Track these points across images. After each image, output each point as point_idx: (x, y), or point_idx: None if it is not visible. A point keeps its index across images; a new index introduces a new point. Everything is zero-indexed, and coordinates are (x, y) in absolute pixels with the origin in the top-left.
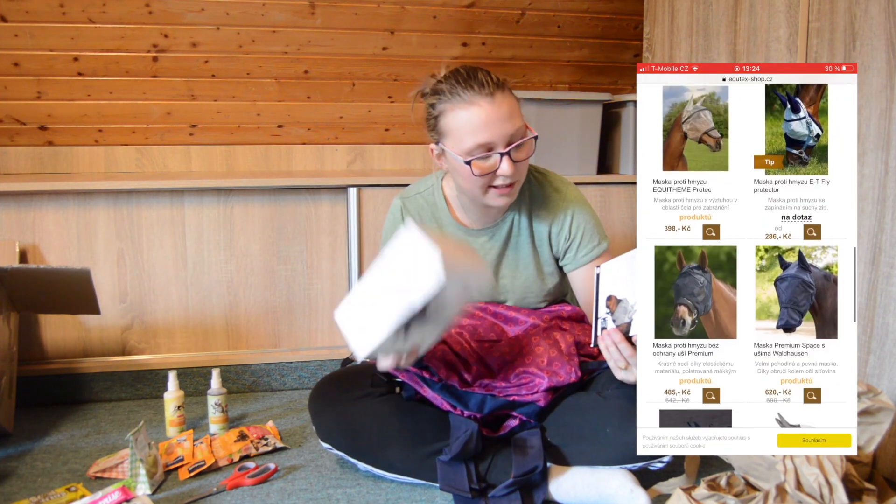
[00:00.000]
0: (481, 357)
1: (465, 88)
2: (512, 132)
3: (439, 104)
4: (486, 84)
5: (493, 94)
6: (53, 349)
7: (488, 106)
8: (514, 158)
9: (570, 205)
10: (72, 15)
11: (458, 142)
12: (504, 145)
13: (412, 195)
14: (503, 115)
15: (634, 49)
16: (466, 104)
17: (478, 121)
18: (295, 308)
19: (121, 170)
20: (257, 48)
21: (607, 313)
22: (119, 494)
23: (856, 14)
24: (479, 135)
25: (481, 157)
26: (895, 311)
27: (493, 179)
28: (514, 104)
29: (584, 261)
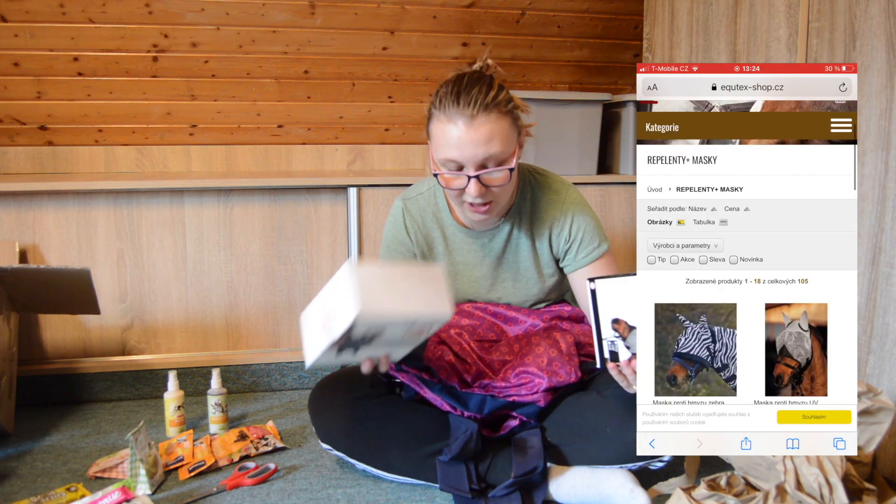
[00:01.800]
0: (481, 357)
1: (453, 102)
2: (485, 157)
3: (432, 108)
4: (473, 104)
5: (474, 117)
6: (53, 349)
7: (465, 127)
8: (485, 183)
9: (570, 206)
10: (72, 15)
11: (435, 150)
12: (474, 168)
13: (413, 196)
14: (478, 139)
15: (634, 49)
16: (447, 119)
17: (451, 139)
18: (295, 308)
19: (121, 170)
20: (257, 48)
21: (616, 337)
22: (119, 494)
23: (856, 14)
24: (449, 151)
25: (450, 173)
26: (895, 311)
27: (462, 195)
28: (501, 128)
29: (584, 262)
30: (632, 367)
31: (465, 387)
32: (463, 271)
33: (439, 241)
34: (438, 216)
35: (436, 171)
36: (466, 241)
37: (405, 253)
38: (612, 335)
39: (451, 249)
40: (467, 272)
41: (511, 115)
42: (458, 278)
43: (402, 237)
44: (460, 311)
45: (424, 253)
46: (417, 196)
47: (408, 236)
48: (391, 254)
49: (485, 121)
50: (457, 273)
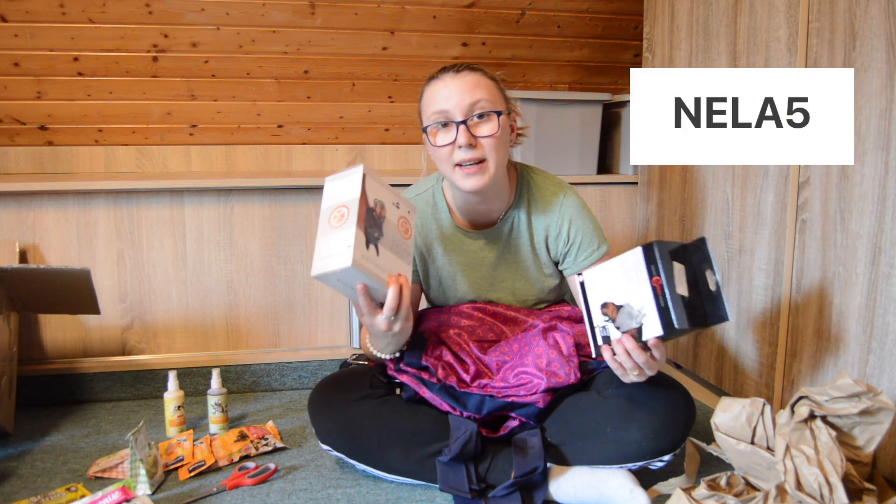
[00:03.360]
0: (479, 357)
1: (440, 71)
2: (471, 101)
3: (423, 89)
4: (459, 66)
5: (459, 71)
6: (53, 349)
7: (450, 79)
8: (474, 132)
9: (567, 209)
10: (72, 15)
11: (424, 115)
12: (462, 115)
13: (412, 196)
14: (463, 86)
15: (634, 49)
16: (434, 80)
17: (438, 94)
18: (295, 308)
19: (121, 170)
20: (257, 48)
21: (606, 321)
22: (119, 494)
23: (856, 14)
24: (436, 103)
25: (438, 125)
26: (895, 311)
27: (454, 154)
28: (486, 83)
29: (584, 265)
30: (623, 345)
31: (464, 386)
32: (462, 272)
33: (438, 242)
34: (437, 217)
35: (425, 126)
36: (465, 242)
37: None
38: (602, 321)
39: (450, 250)
40: (466, 273)
41: (496, 83)
42: (458, 279)
43: None
44: (459, 311)
45: (423, 253)
46: (416, 197)
47: None
48: None
49: (469, 73)
50: (456, 274)
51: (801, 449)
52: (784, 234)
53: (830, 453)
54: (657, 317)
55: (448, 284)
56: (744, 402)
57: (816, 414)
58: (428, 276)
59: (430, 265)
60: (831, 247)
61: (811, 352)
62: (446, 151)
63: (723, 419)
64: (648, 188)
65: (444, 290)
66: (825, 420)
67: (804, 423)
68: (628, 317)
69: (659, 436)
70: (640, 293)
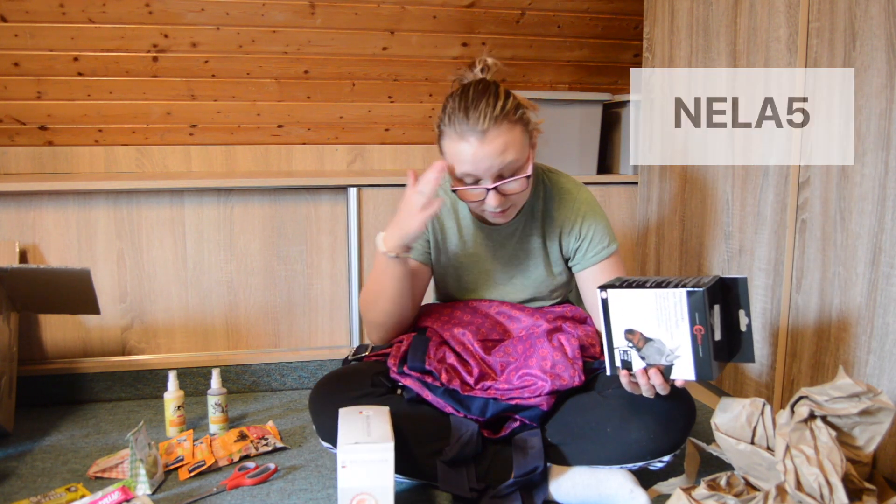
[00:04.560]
0: (483, 358)
1: (463, 119)
2: (500, 168)
3: (441, 125)
4: (483, 118)
5: (485, 132)
6: (53, 349)
7: (477, 143)
8: (503, 193)
9: (581, 206)
10: (72, 15)
11: (449, 162)
12: (492, 180)
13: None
14: (492, 152)
15: (634, 49)
16: (458, 136)
17: (465, 156)
18: (295, 308)
19: (121, 170)
20: (257, 48)
21: (630, 347)
22: (119, 494)
23: (856, 14)
24: (465, 167)
25: (468, 187)
26: (895, 311)
27: (482, 205)
28: (513, 137)
29: (593, 261)
30: (648, 377)
31: (468, 389)
32: (474, 263)
33: (453, 232)
34: (455, 206)
35: (454, 188)
36: (479, 235)
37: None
38: (625, 345)
39: (464, 240)
40: (478, 265)
41: (521, 121)
42: (470, 270)
43: None
44: (465, 307)
45: (438, 241)
46: (441, 186)
47: None
48: None
49: (497, 134)
50: (468, 265)
51: (801, 449)
52: (784, 234)
53: (830, 453)
54: (692, 364)
55: (459, 275)
56: (744, 402)
57: (816, 414)
58: (440, 264)
59: (443, 254)
60: (831, 247)
61: (811, 352)
62: (476, 203)
63: (723, 419)
64: (648, 188)
65: (454, 280)
66: (825, 420)
67: (804, 423)
68: (657, 353)
69: (659, 436)
70: (678, 336)
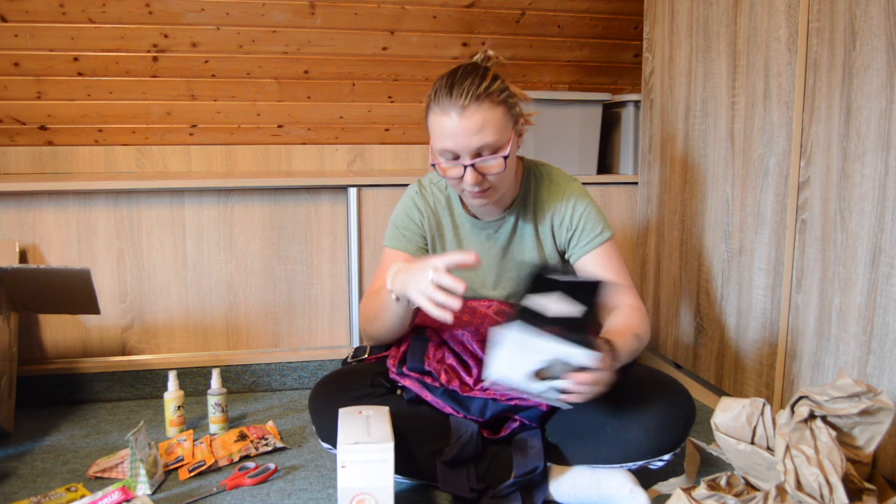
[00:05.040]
0: (482, 359)
1: (446, 94)
2: (478, 146)
3: (429, 100)
4: (465, 95)
5: (465, 108)
6: (53, 349)
7: (457, 118)
8: (481, 171)
9: (570, 196)
10: (72, 15)
11: (433, 141)
12: (469, 157)
13: (428, 184)
14: (470, 128)
15: (634, 49)
16: (441, 111)
17: (445, 130)
18: (295, 308)
19: (121, 170)
20: (257, 48)
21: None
22: (119, 494)
23: (856, 14)
24: (444, 142)
25: (447, 162)
26: (895, 311)
27: (462, 182)
28: (493, 117)
29: (587, 248)
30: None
31: (467, 390)
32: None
33: (449, 229)
34: (450, 204)
35: (433, 161)
36: (473, 232)
37: (415, 231)
38: (544, 386)
39: (459, 238)
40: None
41: (505, 104)
42: (465, 268)
43: (412, 215)
44: (464, 306)
45: (434, 238)
46: (431, 185)
47: (419, 217)
48: (399, 230)
49: (476, 110)
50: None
51: (801, 449)
52: (784, 234)
53: (830, 453)
54: (579, 349)
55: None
56: (744, 402)
57: (816, 414)
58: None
59: (440, 251)
60: (831, 247)
61: (811, 352)
62: (455, 180)
63: (723, 419)
64: (648, 188)
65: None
66: (825, 420)
67: (804, 423)
68: (561, 365)
69: (659, 436)
70: (549, 346)
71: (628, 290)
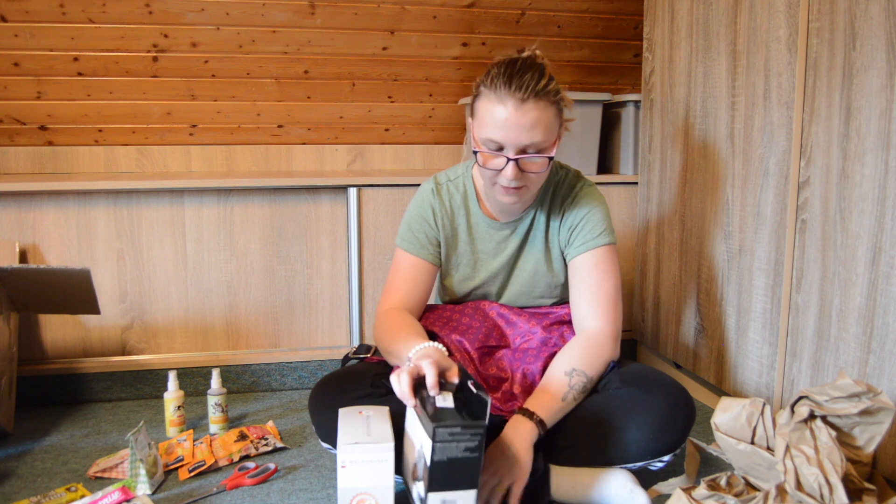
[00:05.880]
0: (479, 371)
1: (505, 84)
2: (527, 143)
3: (482, 85)
4: (525, 88)
5: (524, 101)
6: (53, 349)
7: (513, 110)
8: (522, 168)
9: (580, 197)
10: (72, 15)
11: (479, 128)
12: (514, 152)
13: (444, 182)
14: (524, 124)
15: (634, 49)
16: (496, 99)
17: (497, 119)
18: (295, 308)
19: (121, 170)
20: (257, 48)
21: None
22: (119, 494)
23: (856, 14)
24: (493, 131)
25: (490, 152)
26: (895, 311)
27: (497, 177)
28: (546, 117)
29: (582, 249)
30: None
31: None
32: (483, 260)
33: (464, 228)
34: (467, 203)
35: (476, 149)
36: (489, 232)
37: (428, 232)
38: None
39: (473, 237)
40: (487, 262)
41: (557, 105)
42: (478, 267)
43: (427, 216)
44: (464, 307)
45: (448, 239)
46: (452, 181)
47: (433, 217)
48: (412, 231)
49: (533, 107)
50: (477, 262)
51: (801, 449)
52: (784, 234)
53: (830, 453)
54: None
55: (466, 273)
56: (744, 402)
57: (816, 414)
58: (448, 262)
59: (452, 251)
60: (831, 247)
61: (811, 352)
62: (492, 173)
63: (723, 419)
64: (648, 188)
65: (462, 277)
66: (825, 420)
67: (804, 423)
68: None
69: (659, 436)
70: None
71: (602, 306)
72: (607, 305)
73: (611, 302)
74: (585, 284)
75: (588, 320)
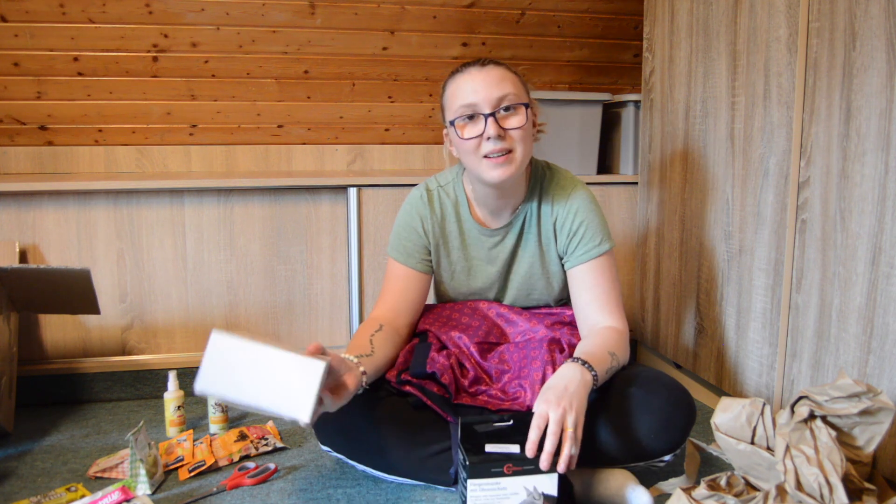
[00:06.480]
0: (479, 363)
1: (466, 66)
2: (499, 94)
3: (444, 85)
4: (484, 60)
5: (484, 65)
6: (53, 349)
7: (476, 72)
8: (502, 124)
9: (576, 201)
10: (72, 15)
11: (450, 110)
12: (490, 107)
13: (435, 188)
14: (490, 80)
15: (634, 49)
16: (458, 76)
17: (465, 87)
18: (295, 308)
19: (121, 170)
20: (257, 48)
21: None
22: (119, 494)
23: (856, 14)
24: (464, 97)
25: (465, 118)
26: (895, 311)
27: (482, 146)
28: (511, 77)
29: (582, 259)
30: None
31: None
32: (476, 267)
33: (455, 236)
34: (458, 210)
35: (452, 119)
36: (480, 238)
37: (416, 241)
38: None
39: (466, 244)
40: (480, 268)
41: (519, 77)
42: (472, 274)
43: (415, 225)
44: (463, 307)
45: (439, 244)
46: (443, 186)
47: (421, 226)
48: (400, 240)
49: (494, 67)
50: (471, 268)
51: (801, 449)
52: (784, 234)
53: (830, 453)
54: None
55: (461, 280)
56: (744, 402)
57: (816, 414)
58: (440, 269)
59: (444, 258)
60: (831, 247)
61: (811, 352)
62: (474, 144)
63: (723, 419)
64: (648, 188)
65: (457, 284)
66: (825, 420)
67: (804, 423)
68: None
69: (659, 436)
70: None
71: (613, 310)
72: (618, 310)
73: (619, 305)
74: (594, 294)
75: (602, 324)
